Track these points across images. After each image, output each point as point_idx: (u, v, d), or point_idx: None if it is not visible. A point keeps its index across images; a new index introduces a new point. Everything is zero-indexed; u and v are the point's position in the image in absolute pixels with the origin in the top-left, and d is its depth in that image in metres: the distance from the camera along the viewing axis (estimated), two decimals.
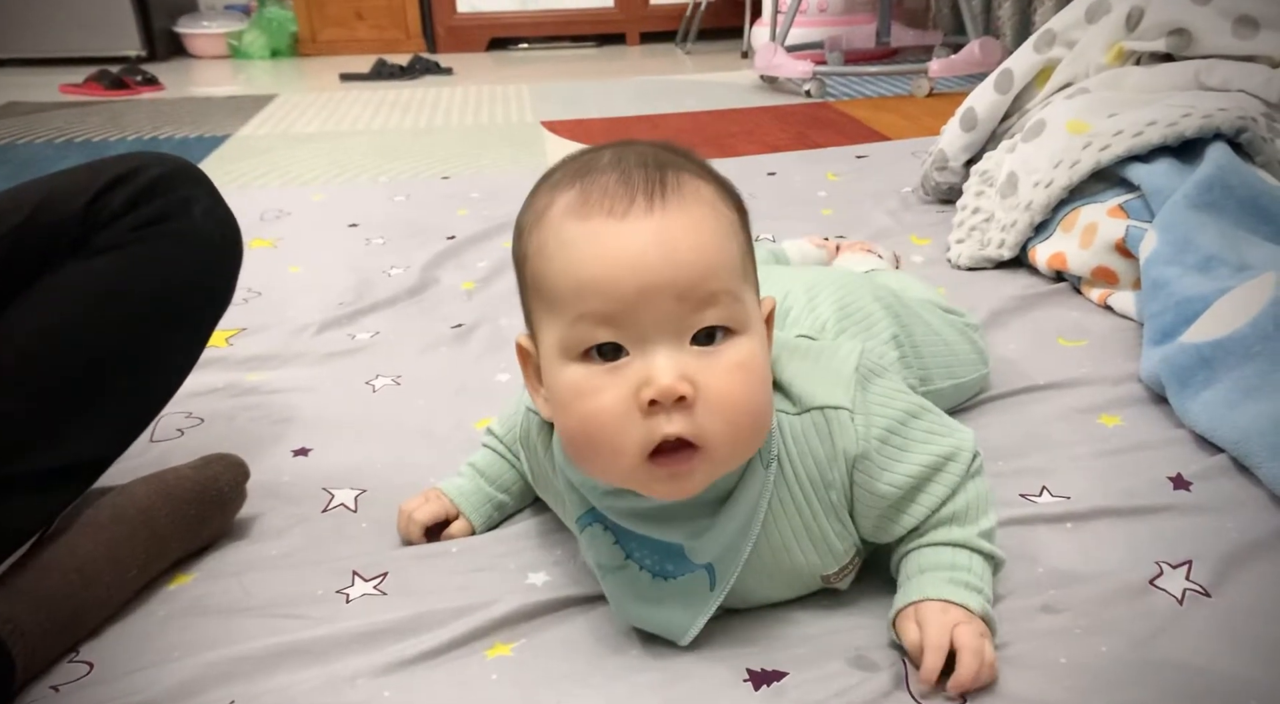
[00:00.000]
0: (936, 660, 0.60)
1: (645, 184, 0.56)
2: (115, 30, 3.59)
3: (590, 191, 0.56)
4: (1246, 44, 1.36)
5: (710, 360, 0.56)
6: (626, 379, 0.55)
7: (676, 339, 0.55)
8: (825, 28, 3.03)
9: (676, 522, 0.63)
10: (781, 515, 0.64)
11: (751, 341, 0.57)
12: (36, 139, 2.44)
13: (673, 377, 0.54)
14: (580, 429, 0.57)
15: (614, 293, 0.54)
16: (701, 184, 0.58)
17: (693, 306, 0.55)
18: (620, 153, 0.59)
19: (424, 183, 1.92)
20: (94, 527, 0.73)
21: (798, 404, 0.64)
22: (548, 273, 0.57)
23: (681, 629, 0.65)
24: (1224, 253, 1.05)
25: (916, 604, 0.63)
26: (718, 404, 0.55)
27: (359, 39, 3.86)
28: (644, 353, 0.55)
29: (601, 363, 0.56)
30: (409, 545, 0.79)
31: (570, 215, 0.56)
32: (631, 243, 0.54)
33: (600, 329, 0.55)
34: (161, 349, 0.79)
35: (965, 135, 1.59)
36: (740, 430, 0.57)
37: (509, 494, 0.82)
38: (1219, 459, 0.85)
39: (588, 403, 0.56)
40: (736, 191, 0.62)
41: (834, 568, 0.67)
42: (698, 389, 0.55)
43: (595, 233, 0.55)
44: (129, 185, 0.76)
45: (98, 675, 0.67)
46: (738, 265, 0.58)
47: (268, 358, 1.15)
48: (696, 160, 0.61)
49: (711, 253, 0.56)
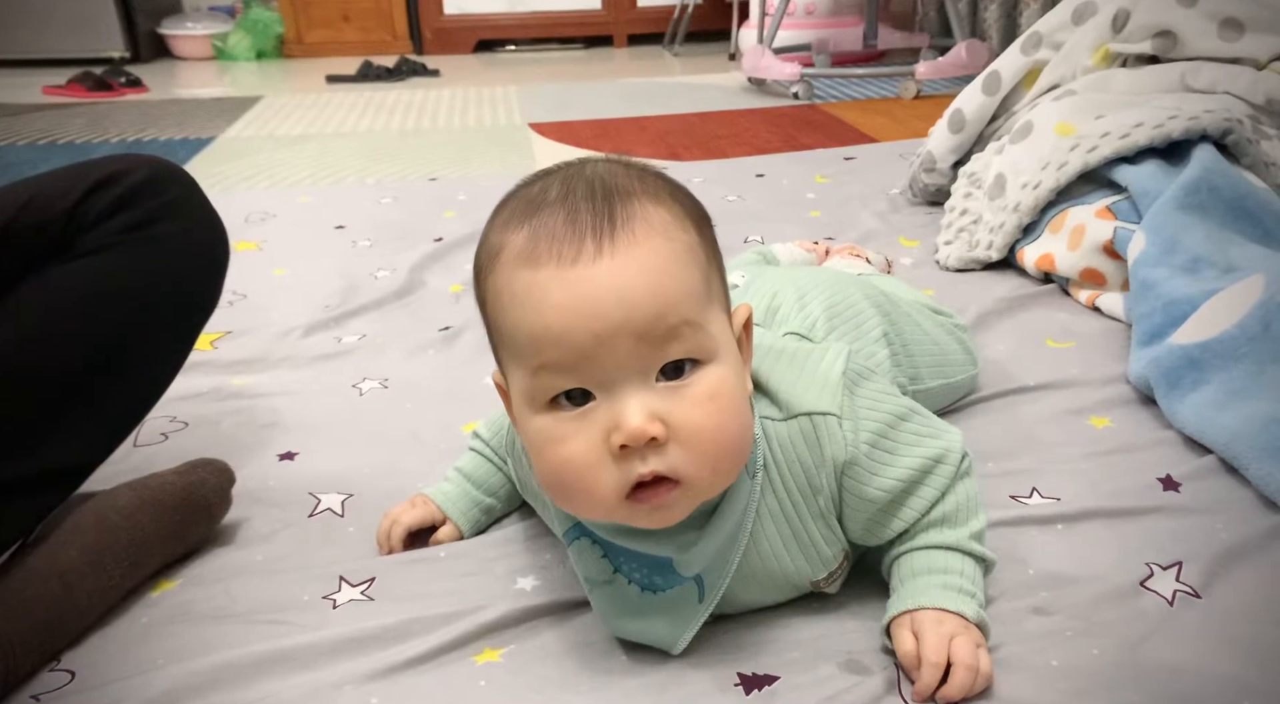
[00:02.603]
0: (933, 676, 0.60)
1: (593, 223, 0.54)
2: (98, 31, 3.56)
3: (539, 236, 0.54)
4: (1232, 46, 1.37)
5: (679, 395, 0.55)
6: (595, 424, 0.54)
7: (642, 378, 0.54)
8: (812, 30, 3.03)
9: (664, 537, 0.62)
10: (769, 523, 0.64)
11: (721, 368, 0.56)
12: (19, 141, 2.42)
13: (641, 419, 0.53)
14: (555, 476, 0.57)
15: (570, 344, 0.53)
16: (653, 209, 0.56)
17: (654, 344, 0.54)
18: (569, 184, 0.57)
19: (411, 185, 1.91)
20: (77, 533, 0.72)
21: (784, 410, 0.63)
22: (504, 322, 0.56)
23: (670, 641, 0.65)
24: (1211, 254, 1.05)
25: (912, 612, 0.63)
26: (691, 439, 0.55)
27: (345, 41, 3.85)
28: (610, 397, 0.54)
29: (570, 409, 0.55)
30: (390, 553, 0.78)
31: (520, 264, 0.55)
32: (583, 291, 0.53)
33: (562, 378, 0.54)
34: (146, 353, 0.78)
35: (953, 137, 1.59)
36: (718, 462, 0.56)
37: (496, 498, 0.81)
38: (1208, 460, 0.85)
39: (559, 450, 0.55)
40: (696, 205, 0.60)
41: (823, 573, 0.67)
42: (670, 427, 0.54)
43: (545, 284, 0.54)
44: (114, 188, 0.75)
45: (80, 684, 0.66)
46: (699, 291, 0.56)
47: (253, 361, 1.14)
48: (651, 178, 0.59)
49: (667, 287, 0.54)
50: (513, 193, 0.60)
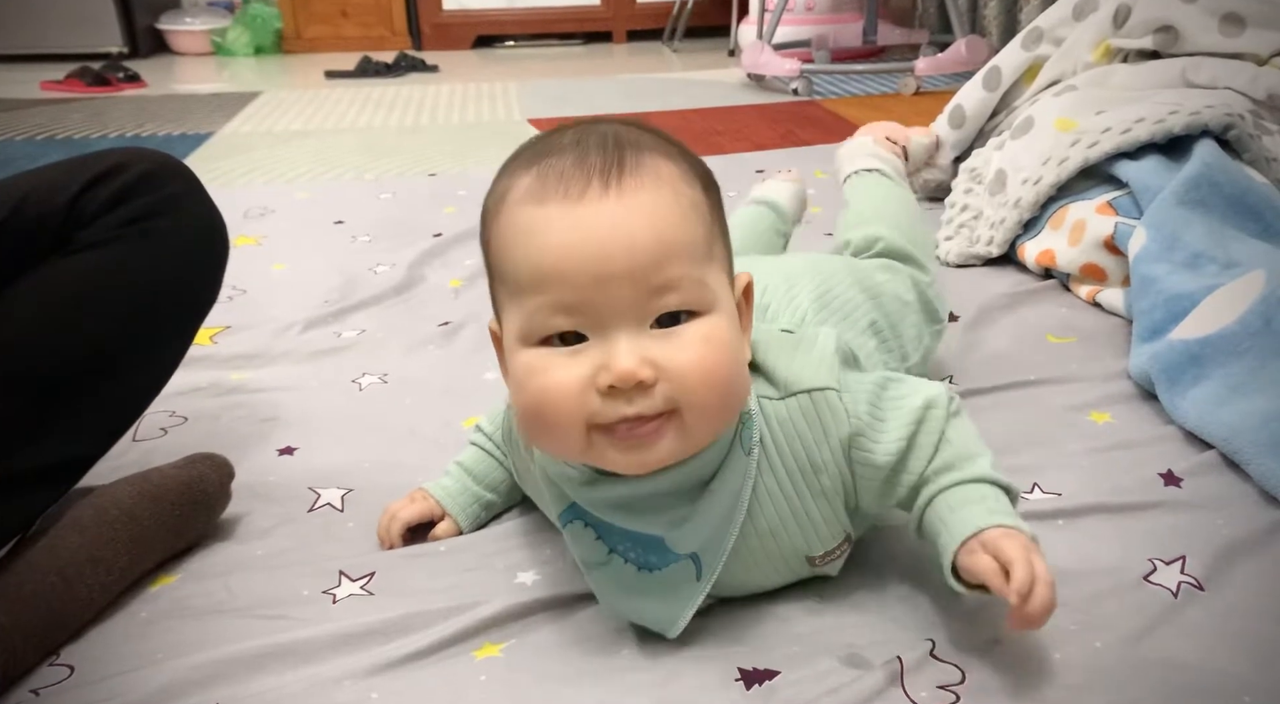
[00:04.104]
0: (1027, 572, 0.56)
1: (602, 166, 0.55)
2: (97, 26, 3.55)
3: (547, 175, 0.55)
4: (1233, 41, 1.37)
5: (673, 340, 0.55)
6: (584, 362, 0.55)
7: (637, 324, 0.55)
8: (812, 26, 3.03)
9: (654, 512, 0.62)
10: (767, 501, 0.64)
11: (717, 318, 0.56)
12: (17, 136, 2.41)
13: (633, 361, 0.54)
14: (533, 406, 0.57)
15: (571, 282, 0.54)
16: (663, 162, 0.57)
17: (652, 292, 0.54)
18: (582, 133, 0.58)
19: (410, 180, 1.91)
20: (76, 528, 0.72)
21: (782, 389, 0.63)
22: (506, 260, 0.57)
23: (670, 621, 0.65)
24: (1212, 250, 1.05)
25: (978, 536, 0.60)
26: (685, 376, 0.55)
27: (344, 36, 3.85)
28: (604, 338, 0.55)
29: (561, 347, 0.56)
30: (390, 548, 0.78)
31: (527, 200, 0.56)
32: (586, 229, 0.54)
33: (559, 317, 0.55)
34: (145, 348, 0.78)
35: (953, 133, 1.59)
36: (709, 397, 0.56)
37: (496, 493, 0.81)
38: (1209, 455, 0.85)
39: (542, 380, 0.56)
40: (706, 170, 0.60)
41: (820, 550, 0.67)
42: (660, 370, 0.54)
43: (550, 219, 0.54)
44: (113, 181, 0.75)
45: (79, 679, 0.66)
46: (700, 246, 0.57)
47: (252, 356, 1.14)
48: (664, 138, 0.59)
49: (669, 236, 0.55)
50: (524, 145, 0.60)
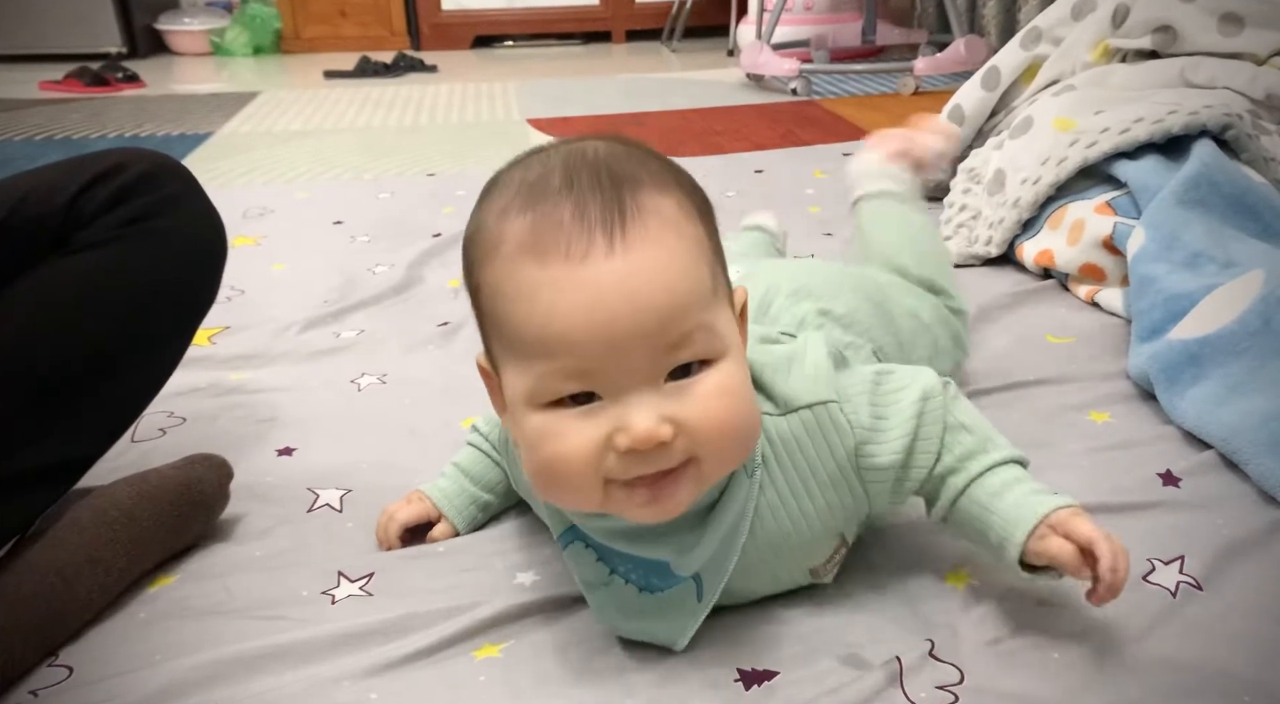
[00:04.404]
0: (1111, 547, 0.58)
1: (602, 216, 0.52)
2: (96, 27, 3.55)
3: (543, 229, 0.52)
4: (1231, 41, 1.37)
5: (689, 395, 0.53)
6: (599, 424, 0.53)
7: (651, 381, 0.53)
8: (811, 26, 3.03)
9: (661, 539, 0.62)
10: (769, 517, 0.63)
11: (729, 364, 0.55)
12: (15, 136, 2.41)
13: (651, 422, 0.52)
14: (546, 470, 0.55)
15: (581, 350, 0.51)
16: (662, 200, 0.54)
17: (665, 349, 0.52)
18: (572, 169, 0.54)
19: (409, 180, 1.91)
20: (74, 528, 0.72)
21: (782, 405, 0.63)
22: (505, 319, 0.54)
23: (670, 640, 0.65)
24: (1211, 249, 1.05)
25: (1046, 521, 0.61)
26: (704, 432, 0.53)
27: (343, 36, 3.84)
28: (618, 399, 0.53)
29: (572, 407, 0.53)
30: (388, 550, 0.78)
31: (524, 256, 0.52)
32: (595, 293, 0.51)
33: (569, 382, 0.53)
34: (144, 348, 0.78)
35: None
36: (730, 449, 0.56)
37: (494, 493, 0.81)
38: (1208, 455, 0.85)
39: (555, 445, 0.54)
40: (698, 192, 0.58)
41: (821, 560, 0.67)
42: (678, 425, 0.53)
43: (554, 283, 0.51)
44: (112, 182, 0.75)
45: (77, 679, 0.66)
46: (708, 289, 0.55)
47: (251, 357, 1.14)
48: (655, 164, 0.56)
49: (680, 289, 0.52)
50: (506, 175, 0.57)
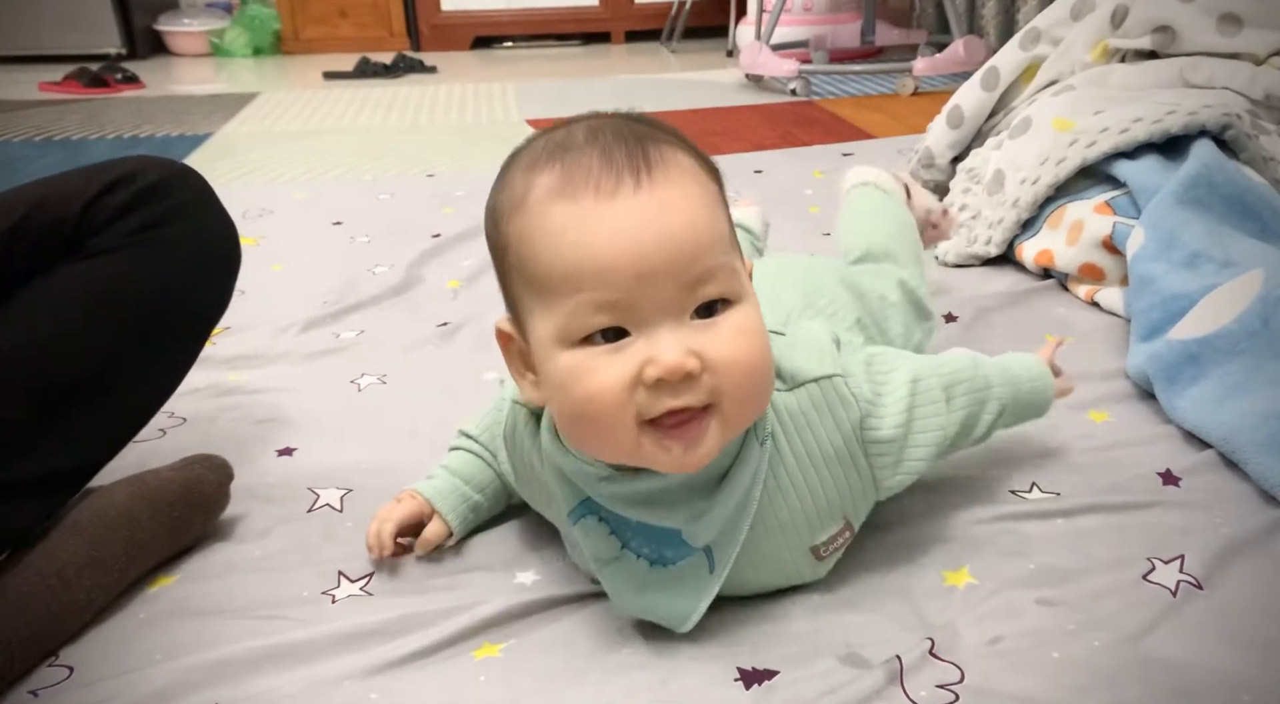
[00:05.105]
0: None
1: (629, 160, 0.55)
2: (95, 28, 3.55)
3: (573, 171, 0.55)
4: (1230, 41, 1.37)
5: (713, 331, 0.56)
6: (630, 358, 0.54)
7: (678, 317, 0.55)
8: (810, 26, 3.03)
9: (675, 505, 0.62)
10: (777, 493, 0.64)
11: (749, 307, 0.58)
12: (15, 137, 2.41)
13: (679, 354, 0.54)
14: (580, 409, 0.56)
15: (611, 280, 0.53)
16: (681, 155, 0.58)
17: (691, 284, 0.55)
18: (594, 128, 0.58)
19: (408, 181, 1.91)
20: (74, 529, 0.72)
21: (789, 380, 0.65)
22: (535, 260, 0.56)
23: (683, 616, 0.65)
24: (1210, 249, 1.05)
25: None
26: (727, 369, 0.56)
27: (342, 37, 3.84)
28: (647, 333, 0.55)
29: (603, 345, 0.55)
30: (381, 556, 0.75)
31: (555, 198, 0.55)
32: (624, 225, 0.53)
33: (600, 315, 0.54)
34: (154, 355, 0.78)
35: (952, 133, 1.59)
36: (751, 390, 0.58)
37: (484, 495, 0.79)
38: (1207, 455, 0.85)
39: (588, 382, 0.55)
40: (710, 159, 0.61)
41: (824, 537, 0.67)
42: (705, 360, 0.55)
43: (583, 215, 0.54)
44: (126, 189, 0.75)
45: (78, 679, 0.66)
46: (727, 235, 0.58)
47: (251, 357, 1.14)
48: (669, 131, 0.60)
49: (704, 228, 0.56)
50: (531, 142, 0.60)
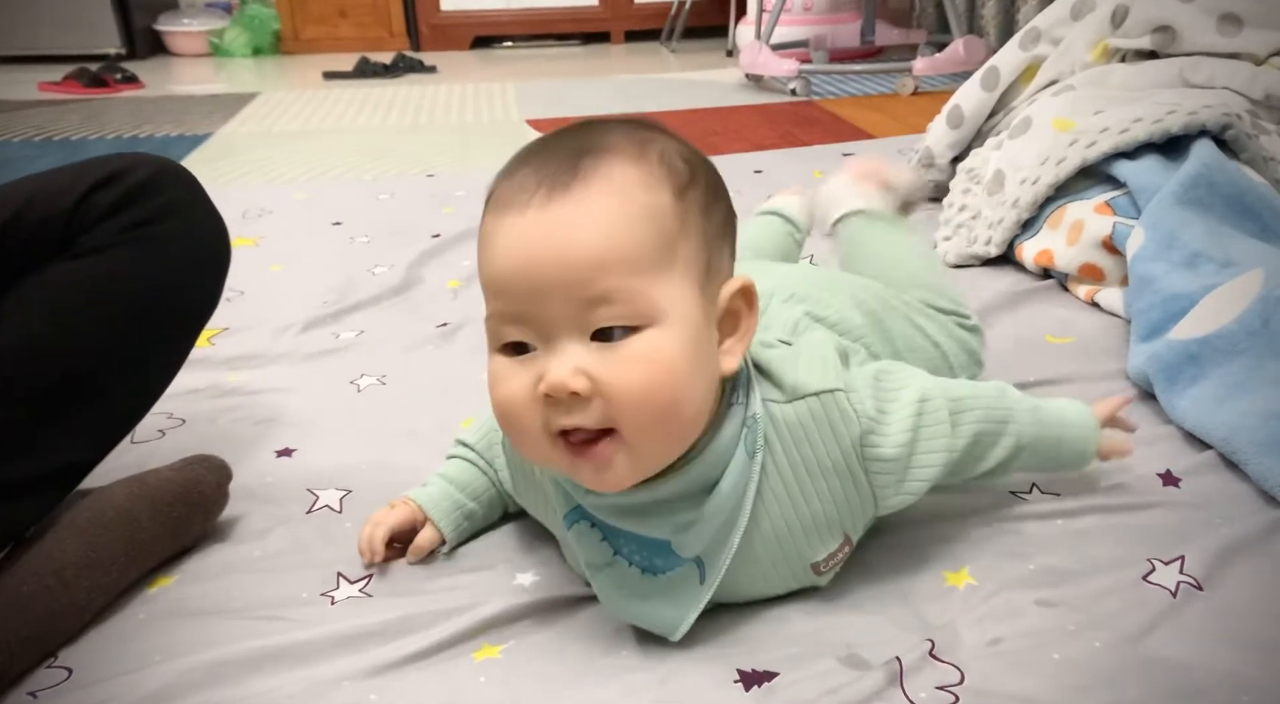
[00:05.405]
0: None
1: (553, 174, 0.55)
2: (94, 28, 3.55)
3: (510, 182, 0.57)
4: (1230, 41, 1.37)
5: (611, 355, 0.55)
6: (530, 371, 0.56)
7: (578, 334, 0.55)
8: (810, 26, 3.03)
9: (661, 516, 0.62)
10: (773, 504, 0.64)
11: (662, 333, 0.55)
12: (14, 137, 2.41)
13: (565, 373, 0.54)
14: (498, 413, 0.59)
15: (511, 293, 0.56)
16: (622, 168, 0.56)
17: (586, 305, 0.54)
18: (559, 137, 0.59)
19: (408, 181, 1.91)
20: (73, 530, 0.72)
21: (789, 392, 0.64)
22: (478, 267, 0.59)
23: (673, 625, 0.65)
24: (1210, 249, 1.05)
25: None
26: (618, 396, 0.55)
27: (342, 37, 3.84)
28: (547, 349, 0.56)
29: (515, 355, 0.57)
30: (372, 560, 0.75)
31: (492, 207, 0.58)
32: (522, 241, 0.55)
33: (507, 327, 0.57)
34: (146, 352, 0.78)
35: (952, 133, 1.59)
36: (648, 420, 0.56)
37: (479, 503, 0.79)
38: (1207, 455, 0.85)
39: (500, 390, 0.58)
40: (694, 172, 0.59)
41: (823, 554, 0.67)
42: (596, 383, 0.55)
43: (499, 230, 0.56)
44: (117, 186, 0.75)
45: (76, 681, 0.66)
46: (648, 257, 0.55)
47: (250, 357, 1.14)
48: (650, 140, 0.58)
49: (603, 247, 0.54)
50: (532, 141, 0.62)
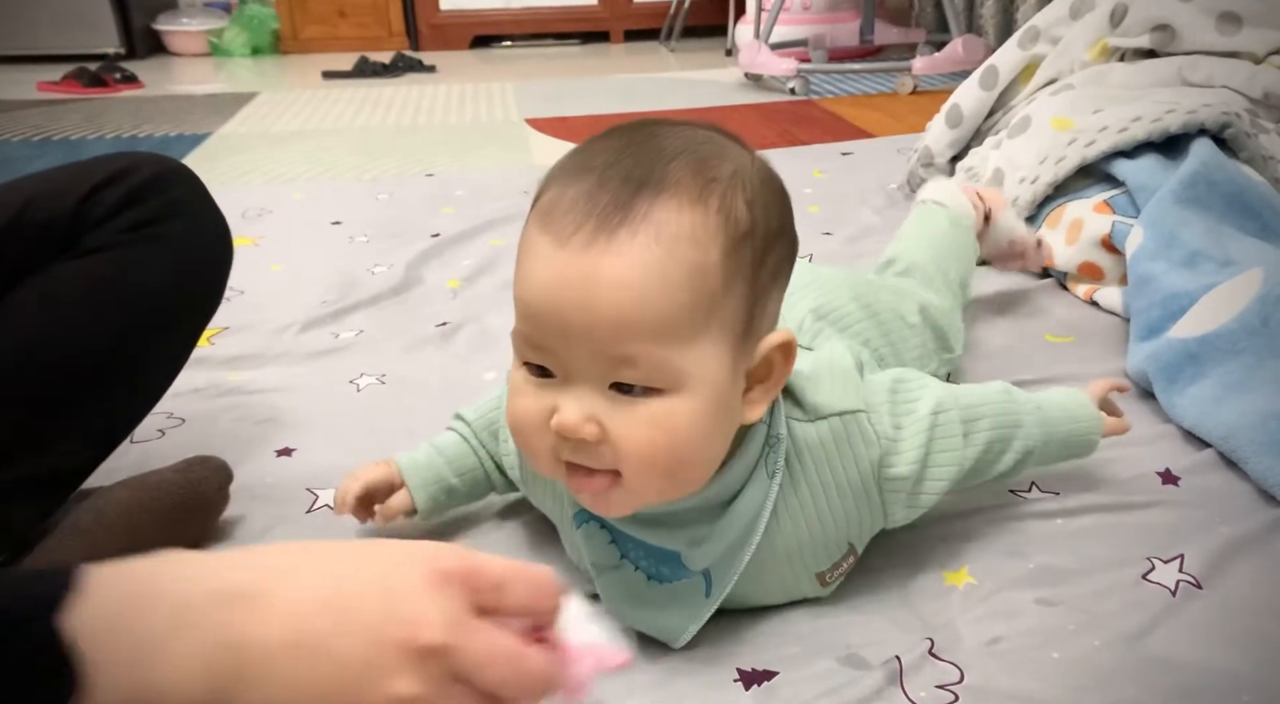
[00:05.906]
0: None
1: (606, 208, 0.52)
2: (94, 27, 3.54)
3: (560, 199, 0.53)
4: (1229, 40, 1.37)
5: (627, 410, 0.54)
6: (546, 398, 0.55)
7: (597, 380, 0.54)
8: (809, 25, 3.03)
9: (675, 528, 0.62)
10: (787, 522, 0.64)
11: (681, 401, 0.53)
12: (14, 137, 2.41)
13: (577, 418, 0.54)
14: (511, 425, 0.59)
15: (538, 325, 0.54)
16: (677, 215, 0.52)
17: (608, 361, 0.53)
18: (622, 152, 0.54)
19: (408, 181, 1.91)
20: (74, 531, 0.72)
21: (811, 412, 0.64)
22: (515, 269, 0.57)
23: (675, 633, 0.65)
24: (1209, 248, 1.05)
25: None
26: (626, 454, 0.54)
27: (341, 36, 3.84)
28: (565, 383, 0.55)
29: (535, 375, 0.56)
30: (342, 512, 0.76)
31: (539, 219, 0.54)
32: (556, 279, 0.52)
33: (531, 350, 0.56)
34: (148, 352, 0.78)
35: (951, 132, 1.59)
36: (651, 480, 0.56)
37: (461, 480, 0.79)
38: (1207, 454, 0.85)
39: (516, 403, 0.58)
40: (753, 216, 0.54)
41: (828, 565, 0.67)
42: (607, 434, 0.54)
43: (540, 252, 0.54)
44: (120, 185, 0.75)
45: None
46: (681, 320, 0.52)
47: (250, 357, 1.14)
48: (717, 171, 0.54)
49: (632, 313, 0.51)
50: (593, 138, 0.57)
